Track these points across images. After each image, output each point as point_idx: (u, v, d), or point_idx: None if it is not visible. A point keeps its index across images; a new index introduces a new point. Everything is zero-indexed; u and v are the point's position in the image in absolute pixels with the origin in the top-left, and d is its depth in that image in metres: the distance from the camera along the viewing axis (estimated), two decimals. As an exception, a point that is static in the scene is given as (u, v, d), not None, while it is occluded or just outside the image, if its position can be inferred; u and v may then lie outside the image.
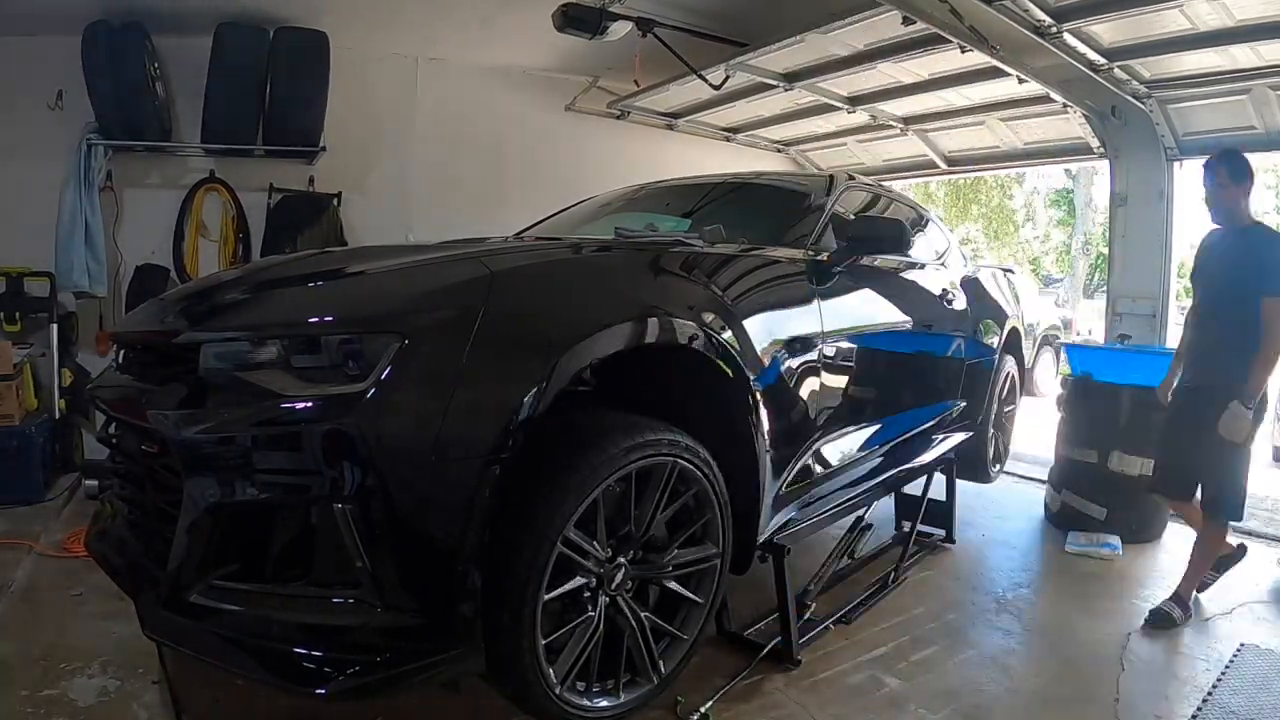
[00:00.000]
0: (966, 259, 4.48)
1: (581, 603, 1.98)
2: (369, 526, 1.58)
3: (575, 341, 1.82)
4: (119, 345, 2.27)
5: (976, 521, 4.24)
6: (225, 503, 1.64)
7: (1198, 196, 3.29)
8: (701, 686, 2.34)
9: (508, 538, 1.75)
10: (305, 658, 1.61)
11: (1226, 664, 2.71)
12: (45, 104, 4.60)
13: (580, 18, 4.37)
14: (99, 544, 2.15)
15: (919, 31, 4.12)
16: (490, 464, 1.66)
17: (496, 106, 6.02)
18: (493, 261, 1.93)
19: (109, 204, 4.77)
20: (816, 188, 3.26)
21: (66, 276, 4.51)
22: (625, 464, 1.93)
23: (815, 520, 2.83)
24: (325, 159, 5.14)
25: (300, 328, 1.73)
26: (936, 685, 2.52)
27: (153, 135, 4.68)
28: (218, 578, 1.67)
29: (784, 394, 2.47)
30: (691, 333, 2.10)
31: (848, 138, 6.95)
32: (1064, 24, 4.10)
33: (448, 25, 5.20)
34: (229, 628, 1.65)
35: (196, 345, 1.74)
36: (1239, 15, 3.95)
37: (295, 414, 1.60)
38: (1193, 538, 3.31)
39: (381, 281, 1.94)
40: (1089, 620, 3.07)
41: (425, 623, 1.65)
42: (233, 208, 5.03)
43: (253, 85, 4.75)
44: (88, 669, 2.39)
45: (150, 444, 1.86)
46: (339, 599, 1.62)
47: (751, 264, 2.56)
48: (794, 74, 5.33)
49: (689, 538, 2.22)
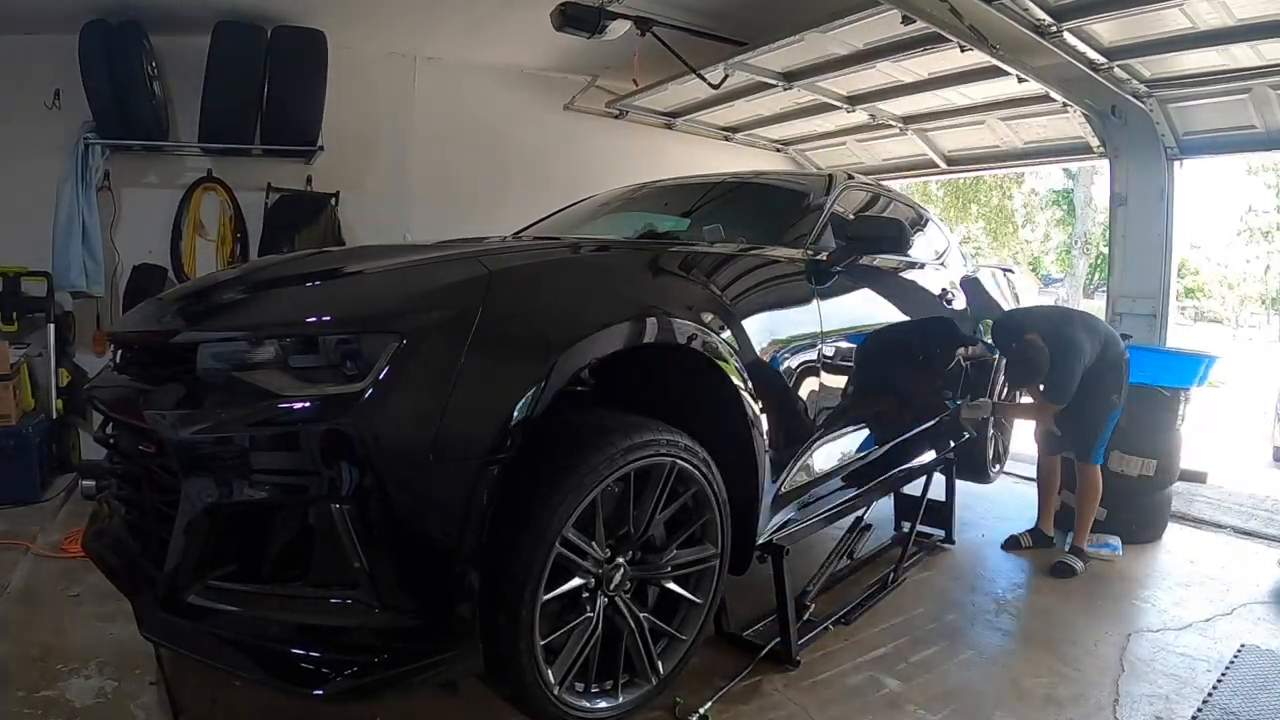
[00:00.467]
0: (966, 259, 4.47)
1: (580, 603, 1.98)
2: (367, 527, 1.58)
3: (574, 341, 1.82)
4: (116, 345, 2.26)
5: (976, 522, 4.24)
6: (223, 503, 1.63)
7: (1193, 198, 3.32)
8: (700, 687, 2.34)
9: (506, 538, 1.74)
10: (303, 658, 1.61)
11: (1227, 665, 2.71)
12: (42, 103, 4.57)
13: (579, 17, 4.35)
14: (96, 544, 2.15)
15: (918, 30, 4.11)
16: (488, 464, 1.65)
17: (495, 106, 6.01)
18: (491, 261, 1.92)
19: (106, 203, 4.75)
20: (815, 187, 3.25)
21: (64, 276, 4.49)
22: (624, 464, 1.93)
23: (814, 521, 2.83)
24: (323, 158, 5.12)
25: (298, 328, 1.73)
26: (936, 686, 2.52)
27: (150, 134, 4.66)
28: (215, 578, 1.67)
29: (783, 394, 2.47)
30: (690, 332, 2.10)
31: (847, 137, 6.94)
32: (1064, 23, 4.09)
33: (445, 24, 5.20)
34: (227, 628, 1.64)
35: (194, 345, 1.74)
36: (1239, 14, 3.94)
37: (293, 414, 1.60)
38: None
39: (379, 281, 1.93)
40: (1089, 621, 3.07)
41: (423, 623, 1.65)
42: (230, 207, 5.02)
43: (250, 84, 4.74)
44: (85, 670, 2.39)
45: (147, 444, 1.85)
46: (337, 599, 1.62)
47: (750, 264, 2.56)
48: (793, 73, 5.32)
49: (688, 538, 2.21)
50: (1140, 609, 3.18)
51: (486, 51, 5.72)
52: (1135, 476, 3.96)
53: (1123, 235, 5.57)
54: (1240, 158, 12.24)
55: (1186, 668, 2.71)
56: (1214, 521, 4.48)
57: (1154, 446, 4.00)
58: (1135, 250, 5.49)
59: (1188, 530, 4.33)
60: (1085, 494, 3.70)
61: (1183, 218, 5.47)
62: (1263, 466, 7.00)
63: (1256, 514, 4.64)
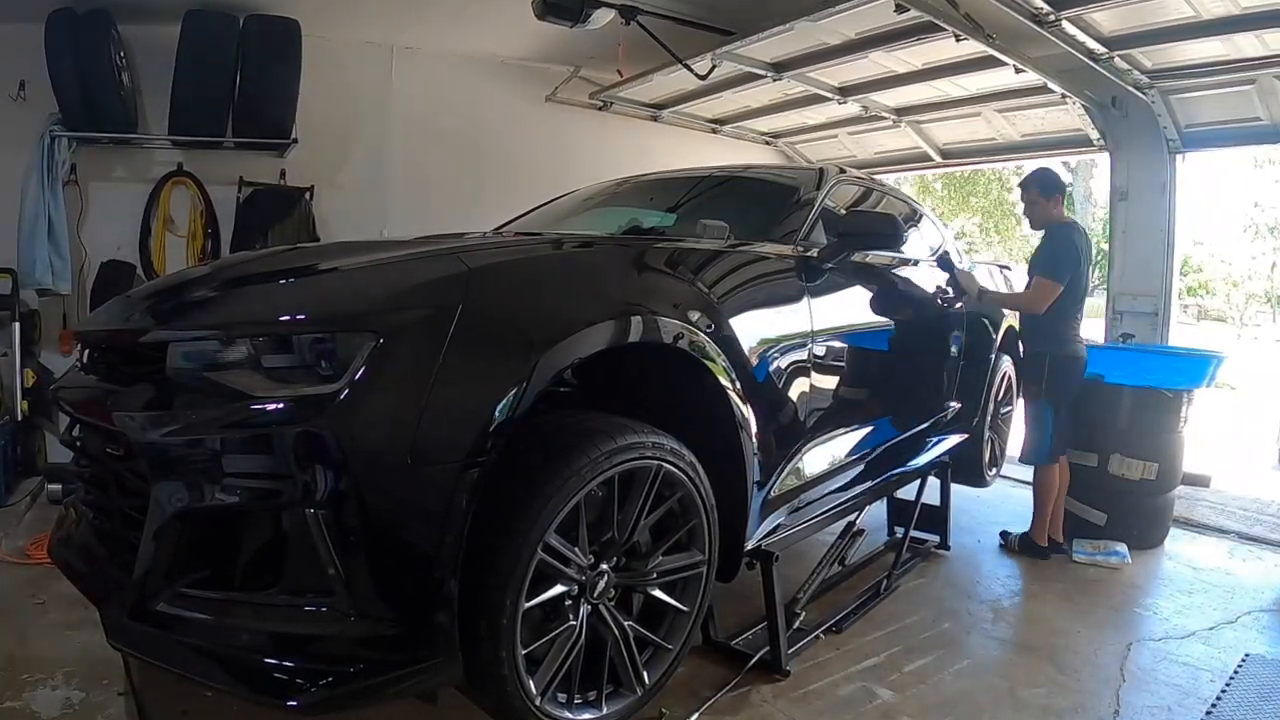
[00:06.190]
0: (962, 255, 4.45)
1: (563, 611, 1.94)
2: (342, 532, 1.54)
3: (556, 341, 1.78)
4: (83, 344, 2.21)
5: (972, 527, 4.21)
6: (193, 508, 1.60)
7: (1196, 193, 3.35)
8: (687, 698, 2.32)
9: (486, 544, 1.70)
10: (277, 668, 1.57)
11: (1231, 675, 2.68)
12: (7, 94, 4.46)
13: (561, 5, 4.31)
14: (63, 550, 2.11)
15: (912, 19, 4.09)
16: (468, 467, 1.62)
17: (474, 97, 5.95)
18: (471, 258, 1.88)
19: (73, 198, 4.65)
20: (806, 181, 3.20)
21: (29, 273, 4.40)
22: (608, 467, 1.89)
23: (805, 526, 2.79)
24: (297, 151, 5.04)
25: (271, 326, 1.69)
26: (930, 697, 2.48)
27: (118, 127, 4.58)
28: (186, 585, 1.63)
29: (772, 395, 2.44)
30: (676, 331, 2.06)
31: (838, 129, 6.92)
32: (1063, 11, 4.07)
33: (423, 13, 5.12)
34: (197, 637, 1.61)
35: (163, 345, 1.71)
36: (1244, 2, 3.93)
37: (266, 416, 1.56)
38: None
39: (355, 279, 1.88)
40: (1089, 629, 3.03)
41: (401, 632, 1.61)
42: (201, 202, 4.94)
43: (222, 75, 4.64)
44: (51, 680, 2.34)
45: (116, 447, 1.83)
46: (311, 607, 1.58)
47: (739, 260, 2.51)
48: (783, 63, 5.27)
49: (674, 544, 2.17)
50: (1141, 617, 3.16)
51: (466, 41, 5.65)
52: (1136, 480, 3.93)
53: (1123, 231, 5.57)
54: (1245, 150, 12.29)
55: (1189, 677, 2.68)
56: (1217, 527, 4.46)
57: (1155, 449, 3.97)
58: (1136, 246, 5.48)
59: (1190, 536, 4.30)
60: (1034, 493, 3.85)
61: (1185, 213, 5.46)
62: (1267, 470, 6.91)
63: (1261, 519, 4.64)
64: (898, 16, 4.03)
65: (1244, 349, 16.87)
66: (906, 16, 4.00)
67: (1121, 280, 5.57)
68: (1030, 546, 3.82)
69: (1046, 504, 3.80)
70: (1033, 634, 3.01)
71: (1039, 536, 3.81)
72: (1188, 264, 21.22)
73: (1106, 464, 3.98)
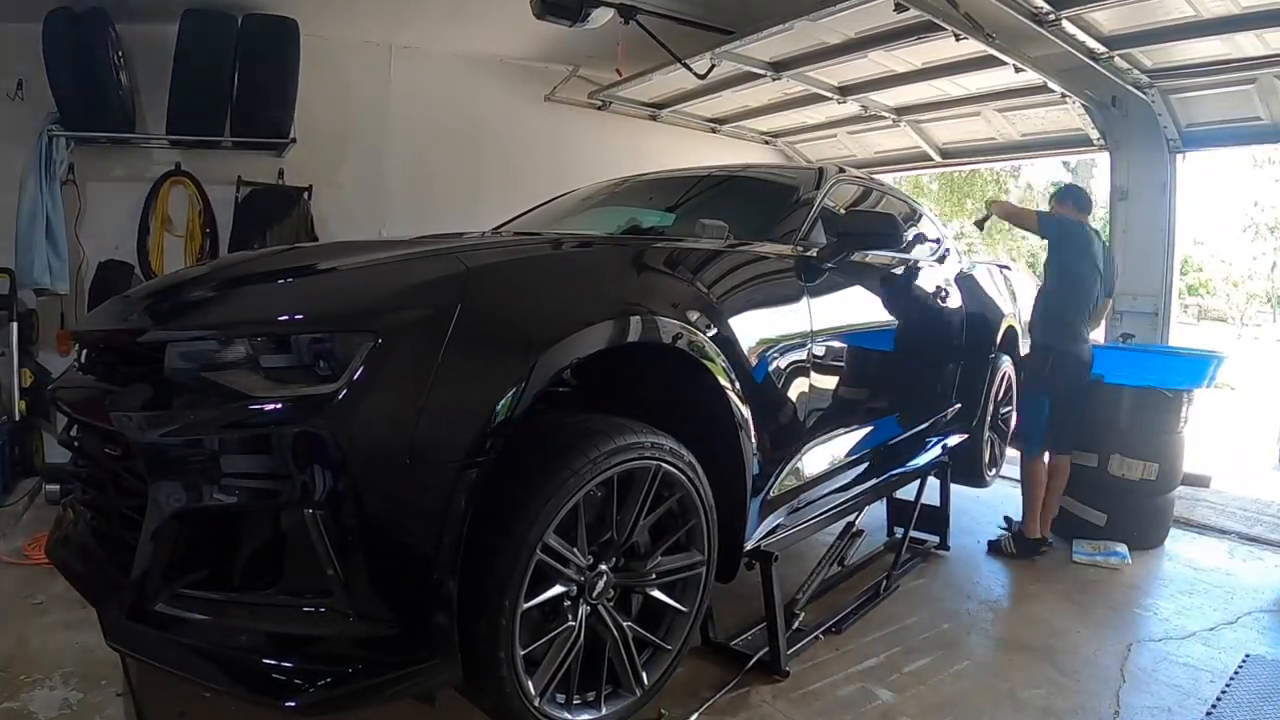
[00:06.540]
0: (961, 255, 4.45)
1: (561, 612, 1.93)
2: (341, 533, 1.54)
3: (555, 340, 1.78)
4: (81, 344, 2.21)
5: (972, 527, 4.19)
6: (191, 508, 1.59)
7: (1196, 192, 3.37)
8: (686, 698, 2.31)
9: (485, 544, 1.69)
10: (275, 669, 1.57)
11: (1231, 676, 2.68)
12: (4, 94, 4.46)
13: (560, 4, 4.30)
14: (60, 551, 2.10)
15: (912, 18, 4.09)
16: (466, 467, 1.61)
17: (473, 96, 5.94)
18: (469, 258, 1.88)
19: (71, 198, 4.64)
20: (805, 181, 3.19)
21: (27, 273, 4.38)
22: (607, 468, 1.88)
23: (804, 526, 2.78)
24: (295, 151, 5.03)
25: (269, 326, 1.68)
26: (930, 698, 2.47)
27: (116, 126, 4.57)
28: (184, 586, 1.62)
29: (772, 395, 2.43)
30: (675, 331, 2.05)
31: (838, 129, 6.91)
32: (1063, 11, 4.06)
33: (422, 12, 5.13)
34: (196, 637, 1.60)
35: (161, 344, 1.70)
36: (1244, 2, 3.93)
37: (264, 416, 1.56)
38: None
39: (354, 278, 1.88)
40: (1088, 630, 3.02)
41: (399, 633, 1.60)
42: (199, 202, 4.92)
43: (220, 74, 4.64)
44: (49, 681, 2.32)
45: (113, 447, 1.81)
46: (310, 608, 1.58)
47: (738, 260, 2.50)
48: (782, 63, 5.27)
49: (673, 544, 2.16)
50: (1142, 617, 3.16)
51: (465, 40, 5.64)
52: (1137, 480, 3.92)
53: (1123, 230, 5.57)
54: (1245, 150, 12.27)
55: (1189, 678, 2.67)
56: (1217, 527, 4.45)
57: (1156, 450, 3.96)
58: (1136, 246, 5.48)
59: (1190, 536, 4.29)
60: (1022, 486, 3.91)
61: (1185, 212, 5.46)
62: (1267, 470, 6.89)
63: (1261, 519, 4.63)
64: (897, 16, 4.02)
65: (1244, 349, 16.86)
66: (906, 16, 3.99)
67: (1121, 280, 5.56)
68: (1020, 540, 3.82)
69: (1036, 497, 3.82)
70: (1033, 634, 2.99)
71: (1030, 530, 3.82)
72: (1188, 264, 21.14)
73: (1107, 464, 3.97)
